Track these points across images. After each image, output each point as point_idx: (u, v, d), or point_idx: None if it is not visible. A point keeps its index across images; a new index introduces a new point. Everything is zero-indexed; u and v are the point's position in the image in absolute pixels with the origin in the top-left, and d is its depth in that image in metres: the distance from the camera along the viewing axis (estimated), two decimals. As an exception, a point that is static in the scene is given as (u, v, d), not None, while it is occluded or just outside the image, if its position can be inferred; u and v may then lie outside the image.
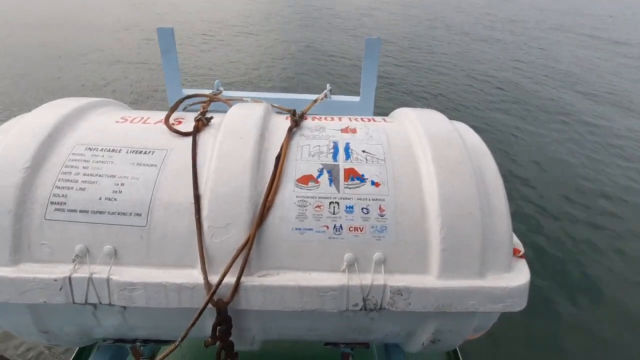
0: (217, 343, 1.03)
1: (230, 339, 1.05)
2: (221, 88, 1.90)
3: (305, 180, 1.09)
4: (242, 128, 1.16)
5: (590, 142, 6.96)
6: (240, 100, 1.57)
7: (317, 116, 1.37)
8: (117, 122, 1.25)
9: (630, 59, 12.34)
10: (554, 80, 10.03)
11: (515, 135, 7.12)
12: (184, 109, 2.14)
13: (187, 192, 1.05)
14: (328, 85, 1.85)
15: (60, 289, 0.99)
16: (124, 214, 1.03)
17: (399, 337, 1.19)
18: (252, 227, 1.01)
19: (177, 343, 0.97)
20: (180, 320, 1.11)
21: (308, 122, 1.28)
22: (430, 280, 1.01)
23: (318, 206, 1.05)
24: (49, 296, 1.00)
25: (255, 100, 1.58)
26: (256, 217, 1.02)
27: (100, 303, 1.01)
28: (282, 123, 1.28)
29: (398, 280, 1.01)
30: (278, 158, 1.10)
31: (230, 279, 0.97)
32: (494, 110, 8.06)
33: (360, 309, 1.02)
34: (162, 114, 1.32)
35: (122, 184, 1.06)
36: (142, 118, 1.28)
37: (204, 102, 1.51)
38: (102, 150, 1.12)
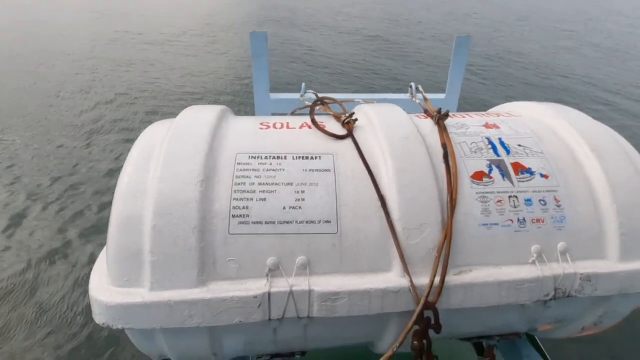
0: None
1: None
2: (310, 91, 1.86)
3: (479, 176, 1.10)
4: (401, 128, 1.15)
5: None
6: (352, 102, 1.56)
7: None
8: (261, 128, 1.20)
9: None
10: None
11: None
12: (272, 114, 2.09)
13: (369, 195, 1.03)
14: (412, 83, 1.86)
15: (259, 305, 0.94)
16: (312, 222, 1.00)
17: (560, 323, 1.23)
18: (444, 225, 1.01)
19: (394, 348, 0.94)
20: (363, 326, 1.09)
21: (447, 120, 1.28)
22: (612, 264, 1.05)
23: (499, 201, 1.06)
24: (245, 315, 0.94)
25: (367, 101, 1.57)
26: (447, 215, 1.01)
27: (298, 317, 0.97)
28: (418, 121, 1.28)
29: (585, 267, 1.04)
30: (446, 156, 1.11)
31: (432, 279, 0.97)
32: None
33: (550, 299, 1.04)
34: (297, 119, 1.29)
35: (303, 191, 1.02)
36: (282, 124, 1.24)
37: (310, 105, 1.49)
38: (266, 157, 1.08)
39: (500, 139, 1.20)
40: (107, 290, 0.96)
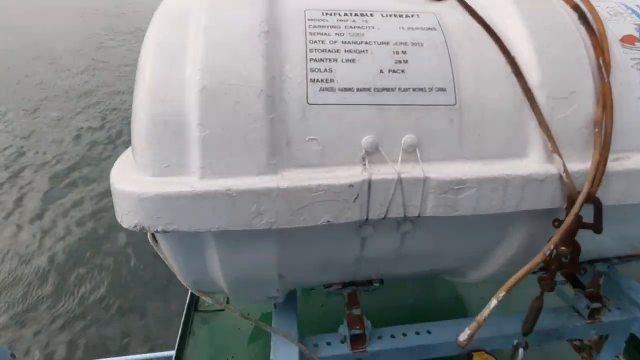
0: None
1: None
2: None
3: (631, 40, 0.83)
4: None
5: None
6: None
7: None
8: None
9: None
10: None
11: None
12: None
13: (493, 57, 0.76)
14: None
15: (355, 199, 0.67)
16: (421, 89, 0.72)
17: None
18: (596, 95, 0.74)
19: (546, 252, 0.68)
20: (475, 237, 0.83)
21: None
22: None
23: None
24: (336, 212, 0.68)
25: None
26: (603, 83, 0.74)
27: (406, 216, 0.70)
28: None
29: None
30: (583, 16, 0.83)
31: (597, 164, 0.70)
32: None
33: None
34: None
35: (404, 52, 0.75)
36: None
37: None
38: (347, 15, 0.79)
39: (638, 5, 0.93)
40: (139, 180, 0.68)
